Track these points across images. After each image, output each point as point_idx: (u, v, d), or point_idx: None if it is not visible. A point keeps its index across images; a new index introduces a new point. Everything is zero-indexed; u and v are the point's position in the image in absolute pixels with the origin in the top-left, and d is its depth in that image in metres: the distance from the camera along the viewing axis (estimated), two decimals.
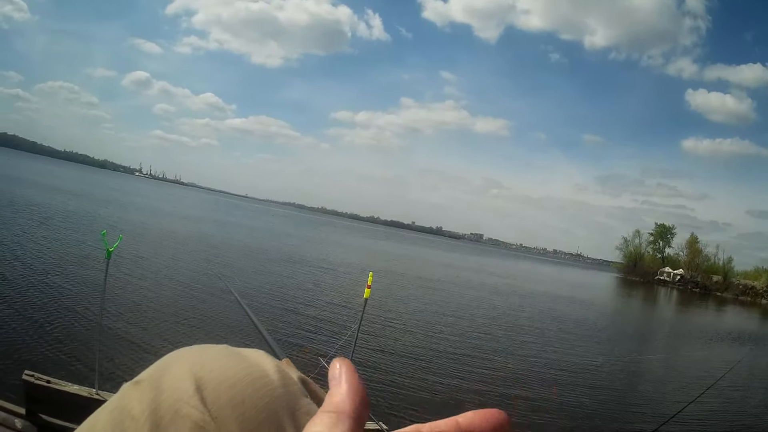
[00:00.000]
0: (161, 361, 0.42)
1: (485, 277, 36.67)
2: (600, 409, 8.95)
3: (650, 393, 10.94)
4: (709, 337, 22.40)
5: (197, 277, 14.85)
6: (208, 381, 0.38)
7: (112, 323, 8.25)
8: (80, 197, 38.79)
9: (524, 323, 17.17)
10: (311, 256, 29.10)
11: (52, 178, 60.72)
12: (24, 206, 23.21)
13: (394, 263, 34.79)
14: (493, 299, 23.11)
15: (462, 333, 13.59)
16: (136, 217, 32.07)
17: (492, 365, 10.75)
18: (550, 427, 7.66)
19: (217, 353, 0.42)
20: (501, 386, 9.31)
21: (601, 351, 14.69)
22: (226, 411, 0.36)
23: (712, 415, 9.19)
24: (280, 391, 0.40)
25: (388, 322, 13.34)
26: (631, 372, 12.88)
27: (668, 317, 33.59)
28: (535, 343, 13.90)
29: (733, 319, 38.07)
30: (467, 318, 16.24)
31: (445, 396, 8.17)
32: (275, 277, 18.25)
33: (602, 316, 24.90)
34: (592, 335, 17.45)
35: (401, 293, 19.33)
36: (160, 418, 0.35)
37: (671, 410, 8.69)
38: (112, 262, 4.00)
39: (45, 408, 3.38)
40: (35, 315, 8.23)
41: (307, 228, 74.97)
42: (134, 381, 0.40)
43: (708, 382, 8.03)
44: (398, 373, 9.03)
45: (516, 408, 8.17)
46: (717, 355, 17.75)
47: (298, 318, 12.17)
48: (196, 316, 10.52)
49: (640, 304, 41.16)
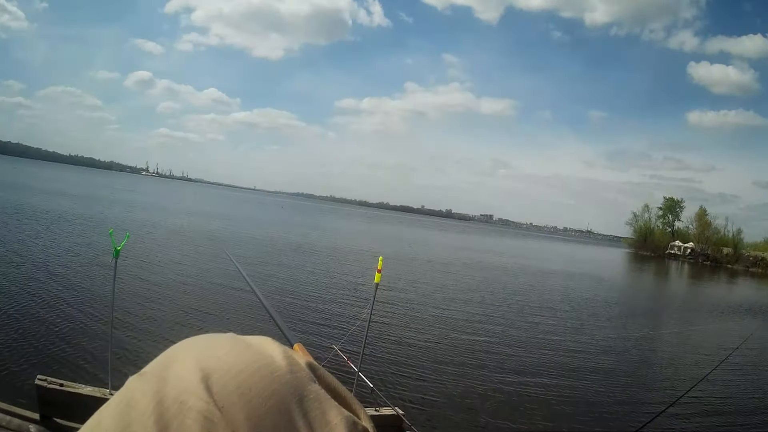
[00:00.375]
0: (166, 352, 0.41)
1: (495, 257, 36.60)
2: (612, 388, 8.94)
3: (662, 369, 10.93)
4: (721, 311, 22.29)
5: (206, 269, 14.93)
6: (214, 370, 0.38)
7: (123, 321, 8.31)
8: (85, 199, 39.05)
9: (535, 304, 17.14)
10: (321, 243, 29.21)
11: (57, 182, 61.15)
12: (29, 211, 23.40)
13: (404, 247, 34.80)
14: (504, 279, 23.06)
15: (473, 316, 13.58)
16: (142, 215, 32.26)
17: (503, 348, 10.75)
18: (562, 408, 7.67)
19: (222, 342, 0.42)
20: (513, 369, 9.31)
21: (614, 326, 14.65)
22: (232, 399, 0.36)
23: (724, 390, 9.18)
24: (287, 378, 0.39)
25: (400, 307, 13.39)
26: (644, 348, 12.85)
27: (680, 291, 33.46)
28: (546, 324, 13.88)
29: (745, 291, 37.86)
30: (478, 301, 16.23)
31: (457, 380, 8.18)
32: (285, 264, 18.34)
33: (613, 292, 24.80)
34: (603, 313, 17.39)
35: (412, 277, 19.33)
36: (165, 409, 0.35)
37: (683, 387, 8.66)
38: (121, 261, 4.01)
39: (59, 411, 3.41)
40: (45, 318, 8.30)
41: (316, 216, 75.12)
42: (139, 374, 0.39)
43: (720, 357, 7.97)
44: (411, 358, 9.07)
45: (528, 389, 8.20)
46: (729, 329, 17.68)
47: (309, 304, 12.25)
48: (206, 308, 10.60)
49: (652, 279, 41.02)
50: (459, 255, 35.23)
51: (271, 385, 0.38)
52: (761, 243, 74.89)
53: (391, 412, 3.93)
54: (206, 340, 0.43)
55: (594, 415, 7.53)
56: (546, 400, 7.88)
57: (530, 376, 8.91)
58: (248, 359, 0.40)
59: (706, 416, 7.86)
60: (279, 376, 0.39)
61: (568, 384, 8.78)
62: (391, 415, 3.89)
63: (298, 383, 0.39)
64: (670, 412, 6.03)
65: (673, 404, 4.99)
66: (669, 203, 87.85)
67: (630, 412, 7.77)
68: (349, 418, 0.40)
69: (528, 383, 8.51)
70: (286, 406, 0.38)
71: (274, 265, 18.23)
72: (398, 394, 7.05)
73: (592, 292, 23.17)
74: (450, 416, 6.76)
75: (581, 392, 8.44)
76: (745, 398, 9.10)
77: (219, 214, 47.28)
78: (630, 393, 8.79)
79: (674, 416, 7.22)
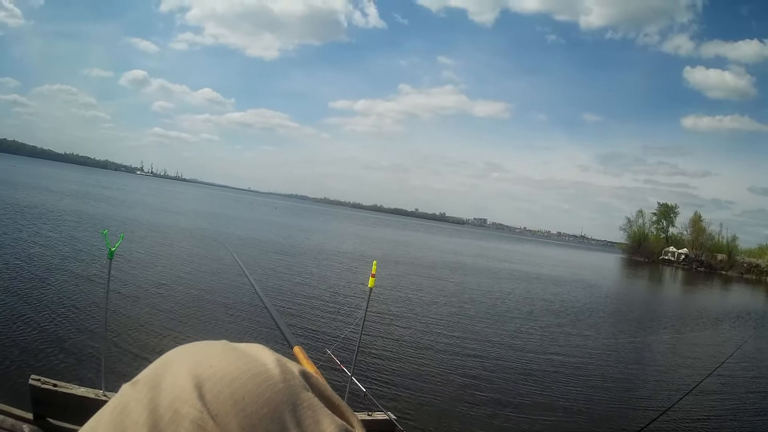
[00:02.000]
0: (159, 360, 0.41)
1: (489, 261, 36.65)
2: (604, 396, 8.97)
3: (653, 378, 10.95)
4: (715, 318, 22.38)
5: (201, 270, 14.90)
6: (207, 378, 0.38)
7: (117, 323, 8.27)
8: (77, 198, 38.86)
9: (526, 309, 17.20)
10: (314, 247, 29.15)
11: (51, 181, 60.85)
12: (22, 210, 23.26)
13: (397, 251, 34.81)
14: (499, 285, 23.11)
15: (467, 320, 13.61)
16: (136, 215, 32.15)
17: (496, 353, 10.77)
18: (556, 414, 7.69)
19: (215, 350, 0.42)
20: (506, 375, 9.33)
21: (607, 333, 14.70)
22: (225, 408, 0.36)
23: (717, 398, 9.22)
24: (281, 386, 0.39)
25: (394, 311, 13.39)
26: (636, 356, 12.90)
27: (674, 298, 33.57)
28: (537, 329, 13.93)
29: (739, 298, 38.03)
30: (472, 306, 16.26)
31: (451, 385, 8.19)
32: (280, 269, 18.27)
33: (606, 298, 24.89)
34: (596, 318, 17.46)
35: (405, 282, 19.34)
36: (159, 417, 0.35)
37: (675, 395, 8.71)
38: (114, 262, 3.99)
39: (52, 412, 3.40)
40: (39, 319, 8.25)
41: (310, 219, 74.98)
42: (133, 381, 0.39)
43: (713, 366, 8.03)
44: (404, 362, 9.07)
45: (519, 394, 8.21)
46: (723, 337, 17.77)
47: (304, 308, 12.22)
48: (202, 310, 10.55)
49: (646, 285, 41.13)
50: (454, 259, 35.28)
51: (264, 393, 0.38)
52: (756, 249, 75.33)
53: (383, 416, 3.92)
54: (199, 348, 0.42)
55: (586, 422, 7.54)
56: (539, 405, 7.90)
57: (524, 383, 8.92)
58: (242, 367, 0.39)
59: (697, 424, 7.88)
60: (272, 385, 0.39)
61: (561, 390, 8.81)
62: (383, 419, 3.88)
63: (291, 391, 0.39)
64: (662, 420, 6.06)
65: (665, 412, 5.02)
66: (663, 209, 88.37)
67: (622, 418, 7.80)
68: (342, 427, 0.40)
69: (521, 390, 8.53)
70: (279, 415, 0.37)
71: (267, 267, 18.18)
72: (391, 399, 7.06)
73: (585, 297, 23.25)
74: (443, 421, 6.77)
75: (572, 400, 8.45)
76: (736, 407, 9.12)
77: (210, 213, 47.19)
78: (621, 401, 8.78)
79: (666, 423, 7.25)
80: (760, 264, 69.65)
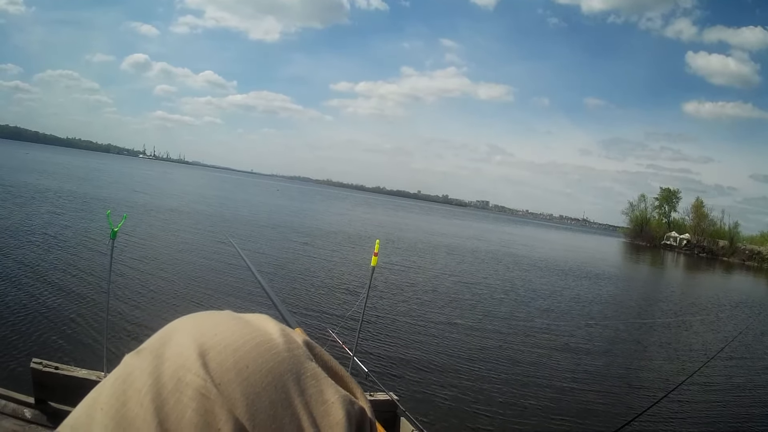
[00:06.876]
0: (163, 329, 0.41)
1: (490, 245, 36.63)
2: (607, 381, 8.99)
3: (652, 364, 10.97)
4: (717, 304, 22.39)
5: (202, 251, 14.91)
6: (211, 347, 0.38)
7: (119, 304, 8.32)
8: (81, 181, 38.85)
9: (528, 292, 17.21)
10: (316, 227, 29.14)
11: (55, 165, 60.82)
12: (25, 193, 23.27)
13: (399, 232, 34.77)
14: (499, 268, 23.11)
15: (470, 303, 13.61)
16: (139, 197, 32.15)
17: (498, 336, 10.78)
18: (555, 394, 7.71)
19: (220, 319, 0.42)
20: (507, 358, 9.35)
21: (607, 317, 14.71)
22: (229, 376, 0.36)
23: (715, 385, 9.24)
24: (284, 355, 0.39)
25: (397, 290, 13.42)
26: (635, 341, 12.90)
27: (676, 283, 33.54)
28: (538, 312, 13.94)
29: (741, 285, 38.04)
30: (476, 288, 16.26)
31: (452, 367, 8.21)
32: (282, 248, 18.30)
33: (608, 283, 24.90)
34: (595, 304, 17.49)
35: (407, 262, 19.33)
36: (162, 386, 0.35)
37: (672, 383, 8.72)
38: (117, 242, 3.95)
39: (54, 395, 3.38)
40: (40, 301, 8.27)
41: (312, 201, 74.94)
42: (136, 351, 0.39)
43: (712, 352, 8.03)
44: (407, 343, 9.11)
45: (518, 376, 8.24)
46: (723, 323, 17.79)
47: (306, 288, 12.26)
48: (204, 291, 10.58)
49: (648, 270, 41.06)
50: (458, 242, 35.25)
51: (268, 362, 0.38)
52: (758, 236, 75.23)
53: (385, 397, 3.90)
54: (203, 317, 0.43)
55: (582, 408, 7.53)
56: (539, 384, 7.93)
57: (524, 365, 8.95)
58: (246, 336, 0.39)
59: (696, 411, 7.90)
60: (276, 354, 0.39)
61: (561, 370, 8.85)
62: (385, 400, 3.87)
63: (295, 361, 0.39)
64: (659, 406, 6.07)
65: (664, 398, 5.01)
66: (665, 194, 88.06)
67: (621, 404, 7.82)
68: (346, 397, 0.40)
69: (521, 372, 8.55)
70: (283, 384, 0.37)
71: (268, 247, 18.20)
72: (393, 379, 7.09)
73: (586, 282, 23.27)
74: (444, 402, 6.79)
75: (575, 380, 8.49)
76: (735, 393, 9.13)
77: (215, 196, 47.16)
78: (619, 387, 8.76)
79: (664, 409, 7.28)
80: (762, 251, 69.54)
